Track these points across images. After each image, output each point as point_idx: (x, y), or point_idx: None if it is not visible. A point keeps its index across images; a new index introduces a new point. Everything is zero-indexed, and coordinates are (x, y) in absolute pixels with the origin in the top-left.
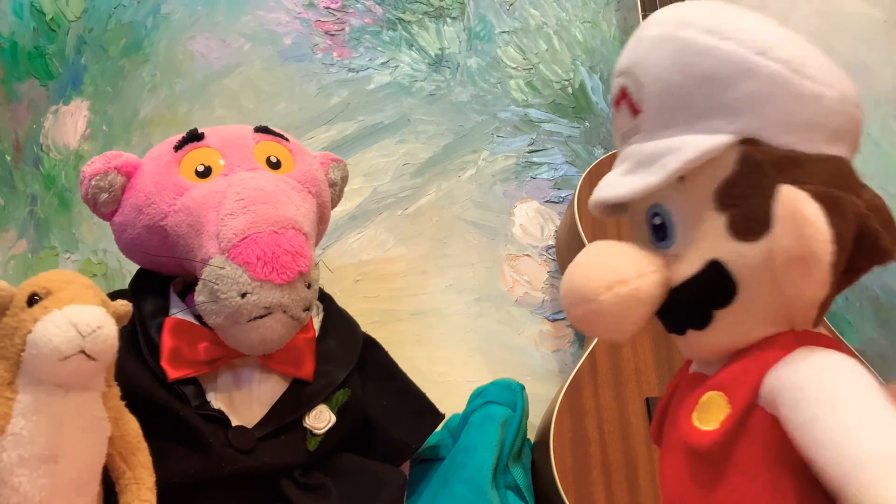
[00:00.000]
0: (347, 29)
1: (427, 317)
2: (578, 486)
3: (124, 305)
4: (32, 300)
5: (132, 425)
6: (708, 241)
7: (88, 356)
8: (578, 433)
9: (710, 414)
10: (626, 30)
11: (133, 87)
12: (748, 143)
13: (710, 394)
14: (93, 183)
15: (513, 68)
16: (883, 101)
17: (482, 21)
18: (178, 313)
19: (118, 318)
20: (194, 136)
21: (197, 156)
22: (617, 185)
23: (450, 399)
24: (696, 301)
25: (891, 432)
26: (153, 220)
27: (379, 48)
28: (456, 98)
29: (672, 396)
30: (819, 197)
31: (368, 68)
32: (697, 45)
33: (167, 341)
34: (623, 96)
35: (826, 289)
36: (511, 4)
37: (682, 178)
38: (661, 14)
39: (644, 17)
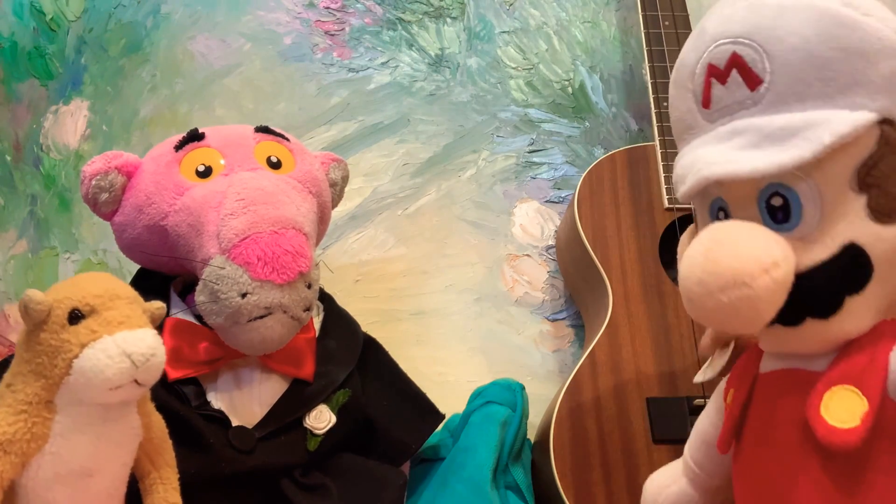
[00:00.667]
0: (347, 29)
1: (427, 317)
2: (578, 486)
3: (159, 308)
4: (74, 316)
5: (159, 425)
6: (844, 223)
7: (140, 384)
8: (578, 433)
9: (844, 411)
10: (626, 30)
11: (133, 87)
12: (888, 124)
13: (837, 389)
14: (93, 183)
15: (513, 68)
16: None
17: (482, 21)
18: (178, 313)
19: (154, 321)
20: (195, 136)
21: (197, 156)
22: (742, 160)
23: (450, 399)
24: (830, 286)
25: None
26: (153, 219)
27: (379, 48)
28: (456, 98)
29: (751, 399)
30: None
31: (368, 68)
32: (842, 16)
33: (167, 341)
34: (736, 64)
35: None
36: (511, 4)
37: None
38: None
39: (644, 17)
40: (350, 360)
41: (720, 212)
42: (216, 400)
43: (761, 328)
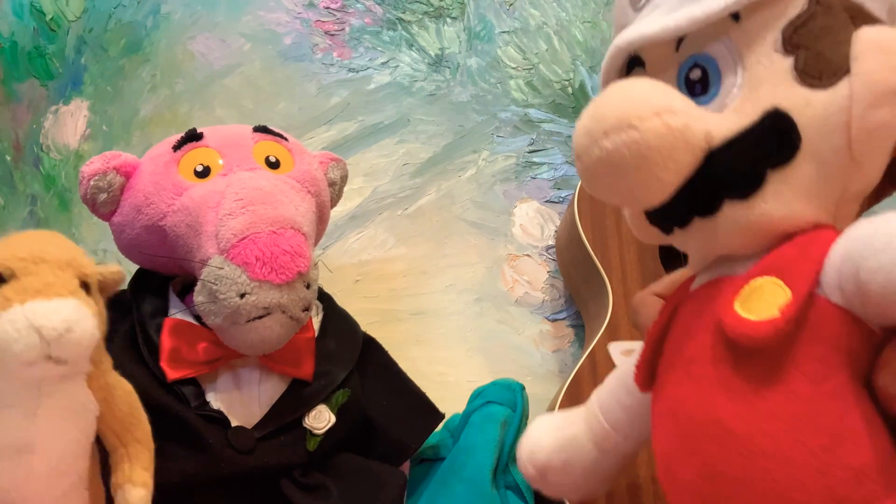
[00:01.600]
0: (347, 29)
1: (427, 317)
2: None
3: (114, 273)
4: None
5: (126, 399)
6: (767, 88)
7: (57, 361)
8: None
9: (762, 303)
10: None
11: (133, 87)
12: None
13: (757, 281)
14: (91, 183)
15: (513, 68)
16: None
17: (482, 21)
18: (177, 314)
19: (107, 286)
20: (193, 136)
21: (196, 156)
22: (660, 21)
23: (450, 399)
24: (748, 158)
25: None
26: (152, 220)
27: (379, 48)
28: (456, 98)
29: (669, 324)
30: None
31: (368, 68)
32: None
33: (166, 342)
34: None
35: (878, 171)
36: (511, 4)
37: (737, 17)
38: None
39: None
40: (349, 359)
41: None
42: (215, 400)
43: (662, 191)
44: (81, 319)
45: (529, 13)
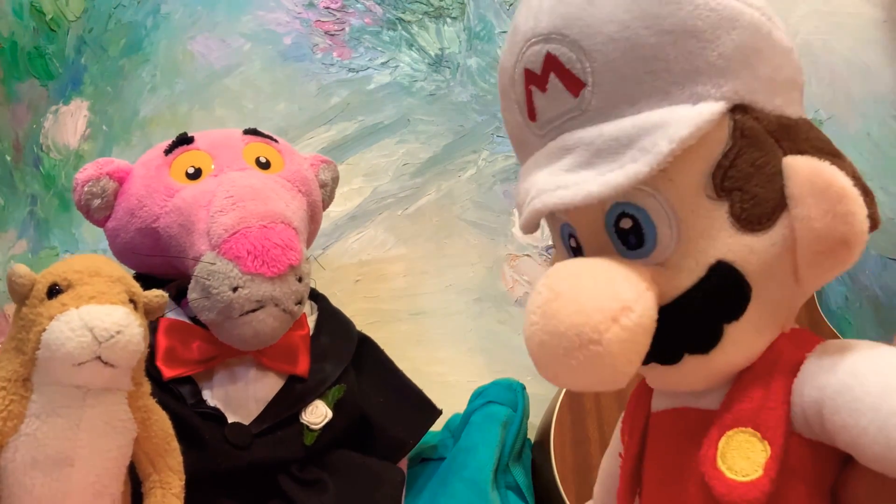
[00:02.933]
0: (347, 29)
1: (427, 317)
2: (578, 486)
3: (159, 297)
4: (53, 291)
5: (162, 426)
6: (707, 240)
7: (105, 363)
8: (579, 433)
9: (743, 460)
10: None
11: (133, 87)
12: (740, 111)
13: (733, 433)
14: (85, 189)
15: None
16: (883, 100)
17: (482, 21)
18: (170, 313)
19: (151, 311)
20: (184, 140)
21: (187, 158)
22: (577, 184)
23: (450, 399)
24: (702, 316)
25: None
26: (145, 222)
27: (379, 48)
28: (456, 98)
29: (645, 445)
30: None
31: (368, 68)
32: None
33: (161, 341)
34: (552, 67)
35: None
36: (511, 4)
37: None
38: None
39: None
40: (344, 356)
41: (571, 238)
42: (212, 398)
43: (624, 383)
44: (131, 325)
45: None
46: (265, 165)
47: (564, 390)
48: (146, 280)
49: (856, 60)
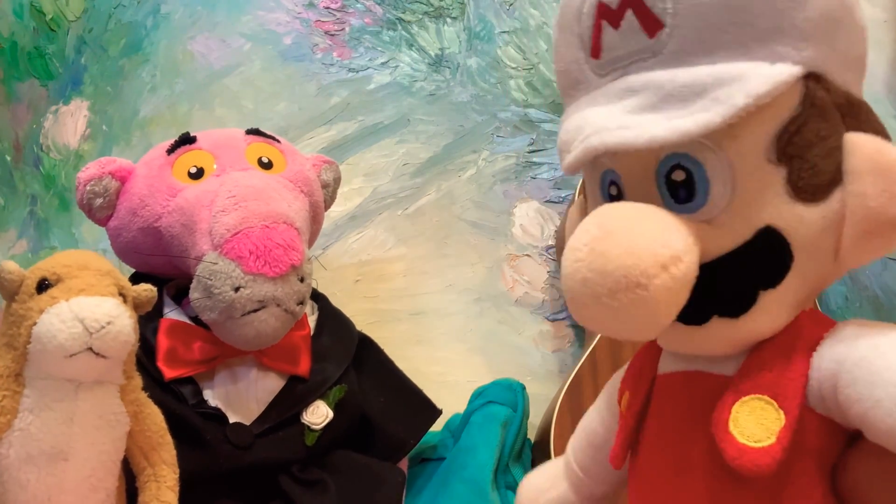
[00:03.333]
0: (347, 29)
1: (427, 317)
2: None
3: (147, 290)
4: (42, 286)
5: (155, 419)
6: (759, 203)
7: (97, 354)
8: None
9: (757, 426)
10: None
11: (133, 87)
12: (814, 80)
13: (748, 399)
14: (87, 188)
15: (513, 68)
16: (883, 100)
17: (482, 21)
18: (171, 313)
19: (140, 305)
20: (186, 140)
21: (189, 158)
22: (641, 125)
23: (450, 399)
24: (741, 280)
25: None
26: (147, 222)
27: (379, 48)
28: (456, 98)
29: (648, 406)
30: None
31: (368, 68)
32: None
33: (163, 342)
34: (631, 4)
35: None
36: (511, 4)
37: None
38: None
39: None
40: (345, 356)
41: (612, 186)
42: (213, 398)
43: (657, 333)
44: (121, 316)
45: (529, 13)
46: (267, 165)
47: (565, 390)
48: (147, 279)
49: None
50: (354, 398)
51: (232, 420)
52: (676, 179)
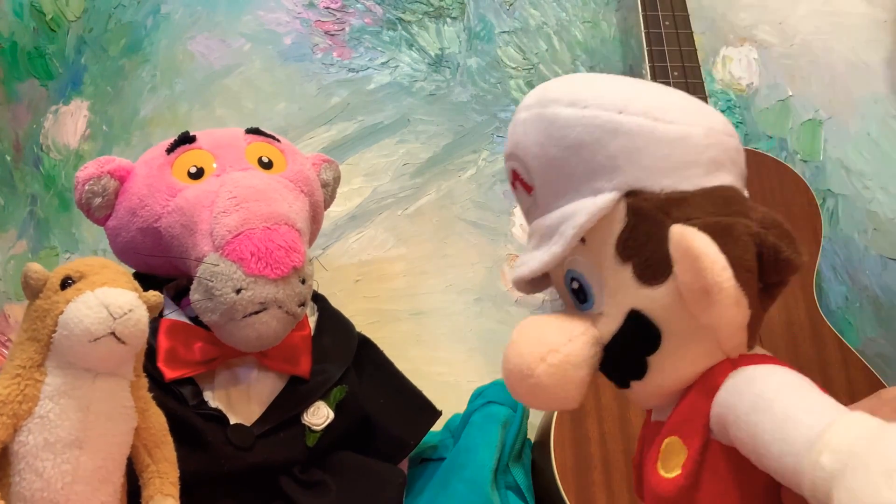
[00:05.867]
0: (347, 29)
1: (427, 317)
2: (579, 486)
3: (156, 296)
4: (66, 283)
5: (158, 419)
6: (621, 294)
7: (118, 339)
8: (579, 433)
9: (672, 460)
10: (626, 30)
11: (133, 87)
12: (632, 195)
13: (667, 440)
14: (86, 188)
15: (513, 68)
16: (883, 100)
17: (482, 21)
18: (171, 314)
19: (150, 308)
20: (186, 139)
21: (189, 158)
22: (528, 261)
23: (450, 399)
24: (627, 352)
25: (823, 408)
26: (147, 222)
27: (379, 48)
28: (456, 98)
29: (642, 451)
30: (707, 227)
31: (368, 68)
32: (562, 118)
33: (163, 342)
34: (516, 177)
35: (744, 312)
36: (511, 4)
37: (584, 241)
38: (529, 98)
39: (644, 17)
40: (345, 357)
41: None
42: (213, 399)
43: (576, 402)
44: (140, 306)
45: (529, 13)
46: (267, 165)
47: None
48: (146, 280)
49: (856, 60)
50: (355, 399)
51: (233, 421)
52: (574, 287)
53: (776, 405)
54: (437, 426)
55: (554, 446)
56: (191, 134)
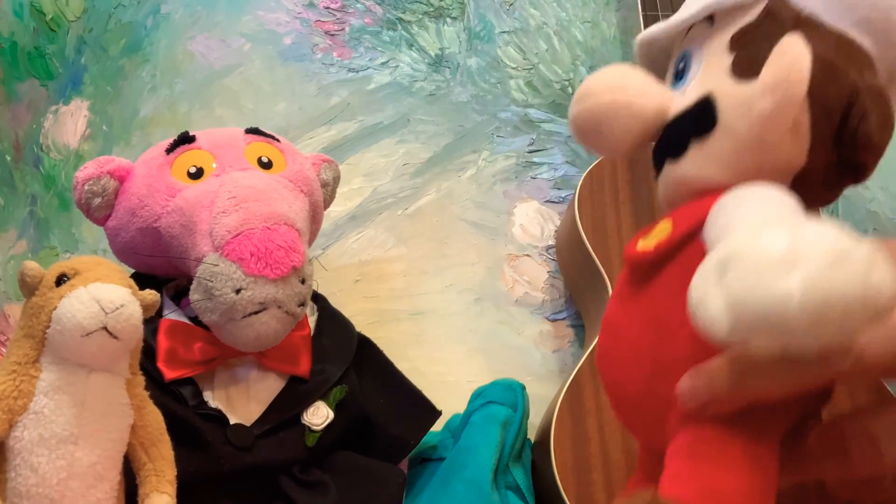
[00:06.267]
0: (347, 29)
1: (427, 317)
2: (579, 486)
3: (152, 295)
4: (61, 280)
5: (155, 416)
6: (709, 79)
7: (111, 334)
8: (579, 433)
9: (653, 238)
10: (626, 30)
11: (133, 87)
12: (775, 1)
13: (661, 223)
14: (86, 188)
15: (513, 68)
16: None
17: (482, 21)
18: (171, 314)
19: (145, 307)
20: (185, 139)
21: (188, 158)
22: (659, 24)
23: (450, 399)
24: (678, 125)
25: (782, 217)
26: (146, 222)
27: (379, 48)
28: (456, 98)
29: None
30: (818, 58)
31: (368, 68)
32: None
33: (162, 343)
34: None
35: (798, 154)
36: (511, 4)
37: (712, 21)
38: None
39: (644, 17)
40: (345, 356)
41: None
42: (213, 399)
43: (619, 148)
44: (133, 302)
45: (529, 13)
46: (267, 165)
47: (565, 390)
48: (146, 280)
49: None
50: (355, 399)
51: (232, 421)
52: (679, 68)
53: (747, 203)
54: (437, 426)
55: (554, 446)
56: (190, 134)
